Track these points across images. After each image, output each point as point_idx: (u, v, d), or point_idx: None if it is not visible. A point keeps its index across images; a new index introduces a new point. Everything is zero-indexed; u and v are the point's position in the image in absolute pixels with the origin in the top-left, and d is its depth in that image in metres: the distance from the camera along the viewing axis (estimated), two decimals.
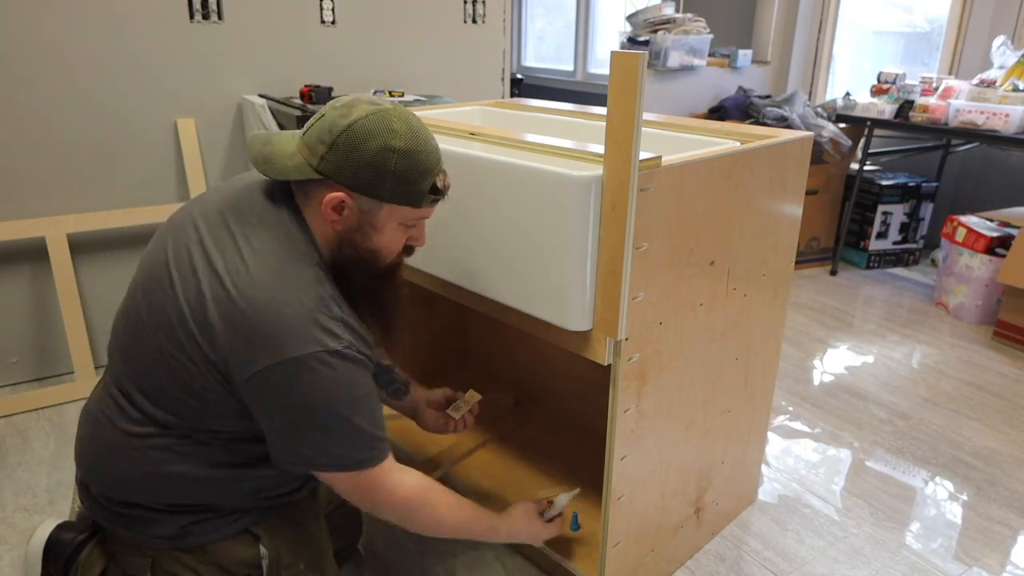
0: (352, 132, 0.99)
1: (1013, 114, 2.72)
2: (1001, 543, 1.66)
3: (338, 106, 1.02)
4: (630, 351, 1.17)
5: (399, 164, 1.00)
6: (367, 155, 0.99)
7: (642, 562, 1.42)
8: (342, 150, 0.99)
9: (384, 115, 1.01)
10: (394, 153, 1.00)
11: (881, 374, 2.44)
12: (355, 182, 1.00)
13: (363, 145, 0.99)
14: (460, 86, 2.82)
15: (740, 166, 1.27)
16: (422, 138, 1.02)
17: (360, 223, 1.05)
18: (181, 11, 2.21)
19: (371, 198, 1.02)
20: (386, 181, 1.01)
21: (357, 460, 1.04)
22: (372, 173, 1.00)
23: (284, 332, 0.96)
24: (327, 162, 1.00)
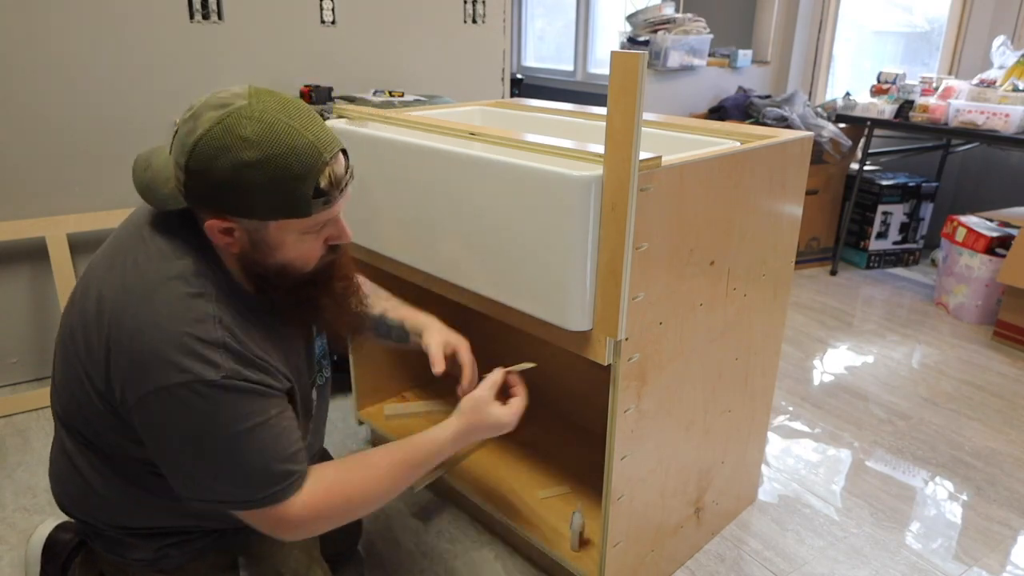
0: (199, 152, 0.84)
1: (1013, 114, 2.72)
2: (1001, 543, 1.66)
3: (187, 116, 0.87)
4: (630, 351, 1.17)
5: (260, 177, 0.84)
6: (220, 176, 0.84)
7: (642, 562, 1.42)
8: (195, 175, 0.85)
9: (232, 121, 0.84)
10: (249, 167, 0.83)
11: (881, 374, 2.44)
12: (223, 206, 0.87)
13: (213, 165, 0.84)
14: (460, 86, 2.82)
15: (740, 166, 1.27)
16: (285, 135, 0.85)
17: (254, 243, 0.91)
18: (181, 11, 2.21)
19: (249, 219, 0.88)
20: (253, 199, 0.85)
21: (254, 499, 0.92)
22: (234, 194, 0.85)
23: (149, 360, 0.86)
24: (189, 189, 0.87)
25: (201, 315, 0.88)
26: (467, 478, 1.66)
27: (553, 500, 1.58)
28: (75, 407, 0.98)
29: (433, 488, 1.79)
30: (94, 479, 1.02)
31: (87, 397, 0.94)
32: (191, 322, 0.87)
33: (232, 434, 0.88)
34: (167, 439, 0.90)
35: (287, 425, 0.94)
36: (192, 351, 0.86)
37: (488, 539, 1.63)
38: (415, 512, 1.72)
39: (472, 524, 1.68)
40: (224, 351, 0.88)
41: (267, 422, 0.91)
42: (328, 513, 0.98)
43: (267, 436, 0.91)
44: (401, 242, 1.45)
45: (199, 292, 0.90)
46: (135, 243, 0.95)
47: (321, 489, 0.97)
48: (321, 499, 0.96)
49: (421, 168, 1.33)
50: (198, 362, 0.86)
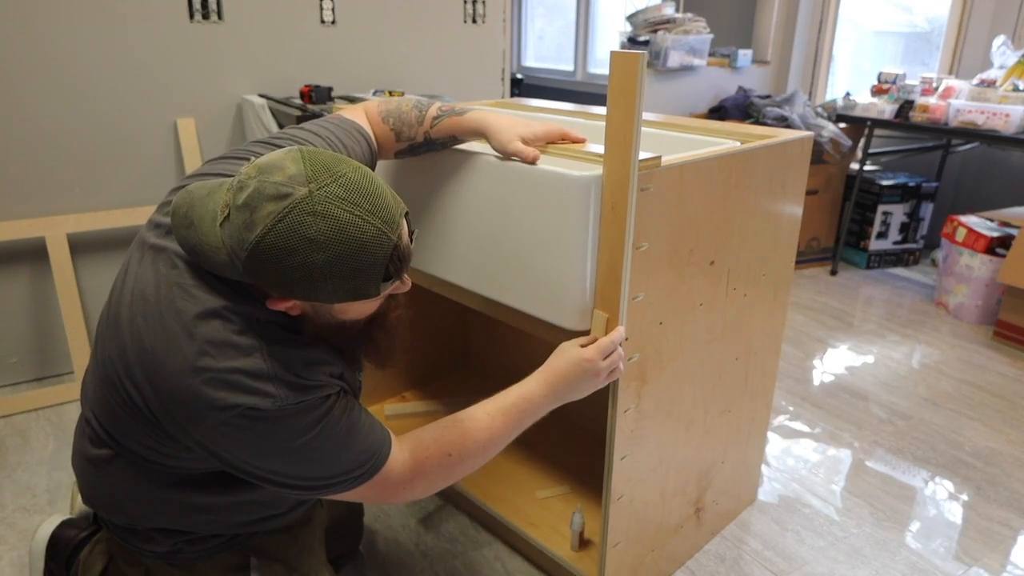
0: (261, 252, 0.82)
1: (1013, 114, 2.72)
2: (1001, 543, 1.66)
3: (239, 203, 0.83)
4: (630, 351, 1.17)
5: (331, 273, 0.82)
6: (290, 273, 0.82)
7: (642, 562, 1.42)
8: (260, 268, 0.83)
9: (295, 219, 0.80)
10: (320, 267, 0.82)
11: (881, 374, 2.44)
12: (291, 293, 0.85)
13: (280, 266, 0.82)
14: (460, 86, 2.82)
15: (740, 166, 1.27)
16: (353, 229, 0.82)
17: (316, 311, 0.92)
18: (181, 11, 2.21)
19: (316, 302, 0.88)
20: (324, 291, 0.84)
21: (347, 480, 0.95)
22: (304, 287, 0.84)
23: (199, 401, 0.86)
24: (252, 273, 0.84)
25: (246, 349, 0.88)
26: (467, 478, 1.66)
27: (553, 500, 1.59)
28: (113, 417, 0.97)
29: None
30: (118, 479, 1.02)
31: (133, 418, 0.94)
32: (237, 356, 0.87)
33: (301, 445, 0.90)
34: (239, 459, 0.90)
35: (355, 417, 0.96)
36: (244, 387, 0.86)
37: (488, 539, 1.63)
38: (415, 512, 1.72)
39: (472, 524, 1.68)
40: (277, 381, 0.88)
41: (336, 424, 0.92)
42: (433, 471, 1.01)
43: (338, 434, 0.93)
44: None
45: (240, 328, 0.89)
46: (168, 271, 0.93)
47: (419, 448, 1.01)
48: (423, 460, 1.00)
49: (421, 168, 1.33)
50: (252, 395, 0.86)
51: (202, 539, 1.09)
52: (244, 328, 0.89)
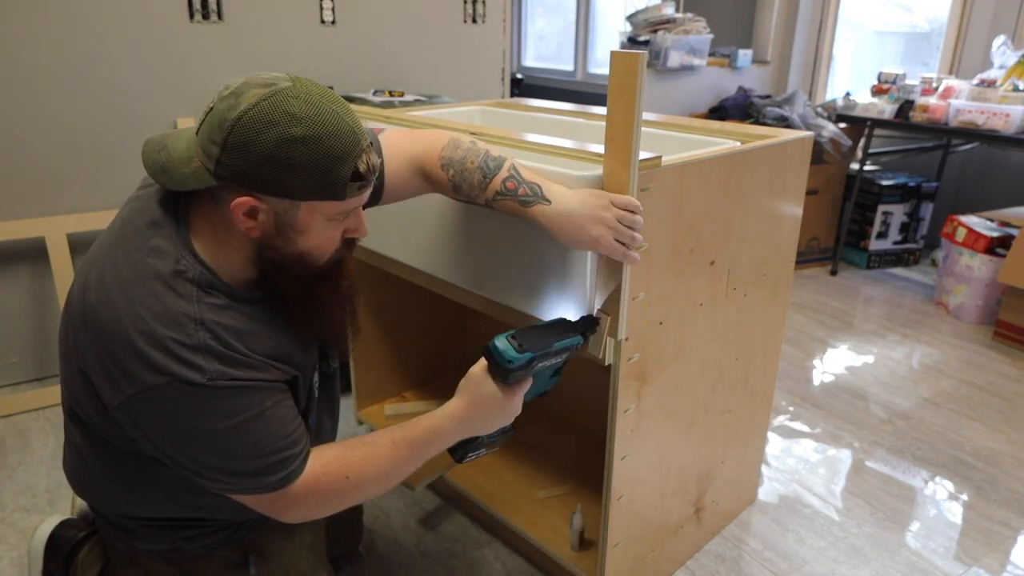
0: (243, 125, 0.83)
1: (1013, 114, 2.72)
2: (1001, 543, 1.66)
3: (226, 94, 0.86)
4: (630, 351, 1.17)
5: (304, 155, 0.84)
6: (265, 150, 0.83)
7: (642, 562, 1.42)
8: (236, 149, 0.84)
9: (279, 97, 0.84)
10: (296, 143, 0.84)
11: (881, 374, 2.44)
12: (259, 184, 0.85)
13: (258, 139, 0.83)
14: (460, 86, 2.82)
15: (740, 166, 1.27)
16: (330, 117, 0.86)
17: (279, 227, 0.90)
18: (181, 11, 2.21)
19: (283, 198, 0.87)
20: (294, 177, 0.85)
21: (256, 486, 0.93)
22: (275, 170, 0.84)
23: (130, 364, 0.86)
24: (223, 165, 0.85)
25: (181, 318, 0.87)
26: (467, 478, 1.66)
27: (553, 500, 1.58)
28: (77, 401, 0.98)
29: (433, 488, 1.79)
30: (102, 471, 1.02)
31: (86, 392, 0.94)
32: (171, 325, 0.87)
33: (223, 429, 0.88)
34: (159, 436, 0.90)
35: (284, 414, 0.94)
36: (174, 355, 0.86)
37: (488, 539, 1.63)
38: (415, 512, 1.72)
39: (472, 524, 1.68)
40: (207, 354, 0.87)
41: (261, 414, 0.91)
42: (327, 491, 0.97)
43: (261, 428, 0.91)
44: (401, 243, 1.45)
45: (180, 294, 0.89)
46: (118, 240, 0.94)
47: (320, 467, 0.97)
48: (320, 477, 0.96)
49: None
50: (182, 366, 0.85)
51: (201, 535, 1.08)
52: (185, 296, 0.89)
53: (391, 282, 1.88)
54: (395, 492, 1.78)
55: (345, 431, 2.04)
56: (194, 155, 0.88)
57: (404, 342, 1.98)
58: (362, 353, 1.88)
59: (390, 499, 1.76)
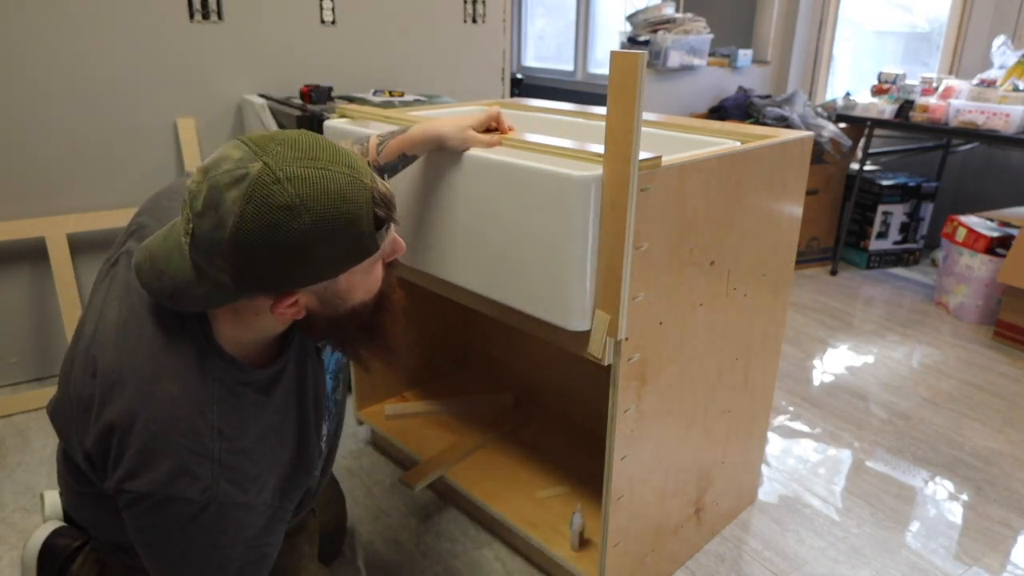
0: (242, 243, 0.74)
1: (1013, 114, 2.72)
2: (1001, 543, 1.66)
3: (199, 209, 0.75)
4: (630, 351, 1.17)
5: (322, 236, 0.76)
6: (282, 252, 0.75)
7: (642, 562, 1.42)
8: (248, 269, 0.76)
9: (261, 193, 0.73)
10: (307, 233, 0.75)
11: (881, 374, 2.44)
12: (289, 283, 0.79)
13: (269, 246, 0.74)
14: (460, 86, 2.82)
15: (740, 166, 1.27)
16: (326, 183, 0.76)
17: (323, 301, 0.85)
18: (181, 11, 2.21)
19: (319, 282, 0.81)
20: (319, 263, 0.78)
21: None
22: (299, 268, 0.77)
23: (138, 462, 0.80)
24: (243, 284, 0.77)
25: (199, 425, 0.82)
26: (467, 478, 1.66)
27: (553, 500, 1.58)
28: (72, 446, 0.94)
29: (433, 488, 1.79)
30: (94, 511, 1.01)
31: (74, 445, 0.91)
32: (189, 432, 0.82)
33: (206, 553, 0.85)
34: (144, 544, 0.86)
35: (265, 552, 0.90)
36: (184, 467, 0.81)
37: (488, 539, 1.63)
38: (415, 512, 1.72)
39: (472, 524, 1.68)
40: (217, 466, 0.83)
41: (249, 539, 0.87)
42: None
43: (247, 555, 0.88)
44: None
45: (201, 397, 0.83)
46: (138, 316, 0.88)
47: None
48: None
49: (421, 168, 1.33)
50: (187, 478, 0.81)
51: None
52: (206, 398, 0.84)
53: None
54: (395, 492, 1.78)
55: (345, 431, 2.04)
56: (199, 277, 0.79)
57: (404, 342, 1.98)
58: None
59: (390, 499, 1.76)
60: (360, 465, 1.89)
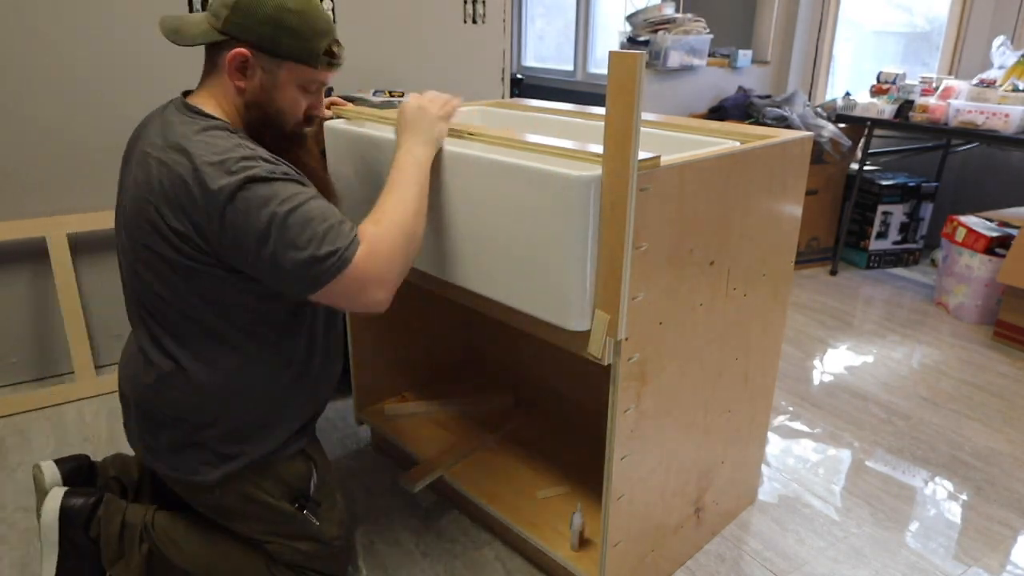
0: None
1: (1013, 114, 2.72)
2: (1001, 543, 1.66)
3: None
4: (630, 351, 1.17)
5: (296, 22, 1.13)
6: (265, 12, 1.12)
7: (642, 562, 1.42)
8: (242, 10, 1.12)
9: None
10: (291, 12, 1.13)
11: (881, 374, 2.44)
12: (256, 38, 1.13)
13: (262, 4, 1.12)
14: (460, 86, 2.82)
15: (740, 166, 1.27)
16: (314, 3, 1.16)
17: (263, 83, 1.17)
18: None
19: (271, 56, 1.15)
20: (284, 36, 1.13)
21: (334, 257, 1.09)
22: (271, 29, 1.13)
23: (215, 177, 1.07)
24: (230, 23, 1.13)
25: (236, 143, 1.12)
26: (467, 478, 1.66)
27: (553, 500, 1.59)
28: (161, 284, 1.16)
29: (433, 488, 1.79)
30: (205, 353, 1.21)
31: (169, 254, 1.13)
32: (234, 147, 1.11)
33: (296, 205, 1.08)
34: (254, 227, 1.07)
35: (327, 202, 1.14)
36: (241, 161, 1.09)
37: (488, 539, 1.63)
38: (415, 512, 1.72)
39: (472, 524, 1.68)
40: (261, 160, 1.11)
41: (316, 196, 1.13)
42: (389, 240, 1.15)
43: (320, 203, 1.12)
44: None
45: (230, 132, 1.15)
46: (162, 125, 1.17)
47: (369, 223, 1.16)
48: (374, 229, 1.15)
49: None
50: (248, 168, 1.08)
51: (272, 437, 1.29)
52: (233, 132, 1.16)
53: None
54: (395, 492, 1.78)
55: (345, 431, 2.05)
56: (204, 20, 1.15)
57: (404, 342, 1.98)
58: (362, 353, 1.88)
59: (390, 499, 1.76)
60: (360, 465, 1.89)
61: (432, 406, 1.95)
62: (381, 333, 1.91)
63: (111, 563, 1.32)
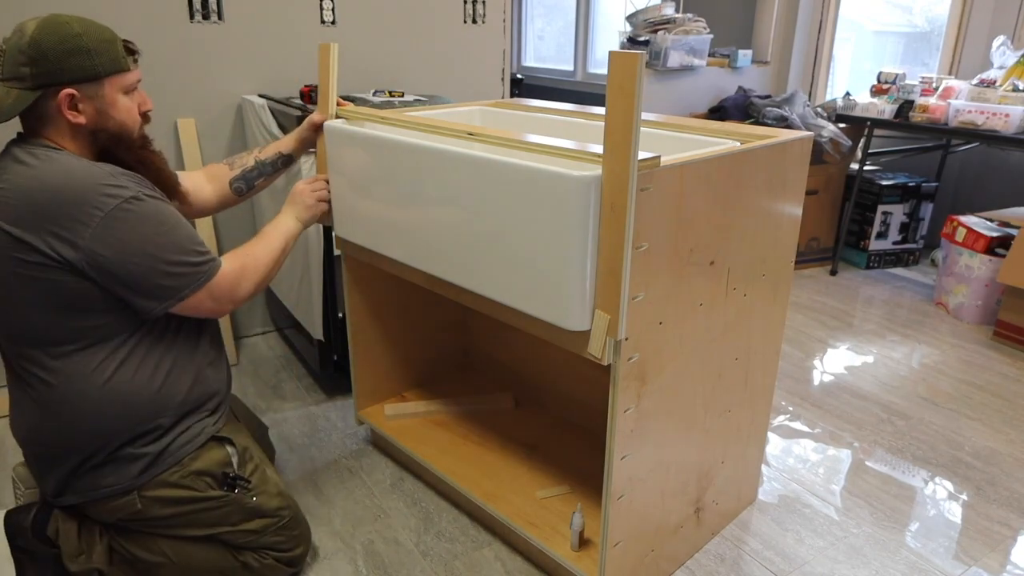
0: (37, 41, 1.15)
1: (1013, 114, 2.72)
2: (1001, 543, 1.66)
3: (10, 36, 1.17)
4: (630, 351, 1.17)
5: (89, 41, 1.18)
6: (62, 49, 1.15)
7: (642, 562, 1.42)
8: (41, 59, 1.15)
9: (51, 19, 1.17)
10: (80, 36, 1.17)
11: (881, 374, 2.44)
12: (69, 74, 1.17)
13: (52, 43, 1.15)
14: (460, 86, 2.82)
15: (740, 166, 1.27)
16: (89, 21, 1.21)
17: (97, 108, 1.21)
18: (181, 11, 2.21)
19: (91, 82, 1.19)
20: (90, 58, 1.18)
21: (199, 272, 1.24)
22: (77, 59, 1.16)
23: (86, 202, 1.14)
24: (37, 76, 1.15)
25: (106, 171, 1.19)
26: (467, 478, 1.66)
27: (553, 500, 1.59)
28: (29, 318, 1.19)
29: (433, 488, 1.79)
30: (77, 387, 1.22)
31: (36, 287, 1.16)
32: (103, 175, 1.18)
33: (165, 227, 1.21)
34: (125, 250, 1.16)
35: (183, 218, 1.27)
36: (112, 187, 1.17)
37: (488, 539, 1.63)
38: (415, 512, 1.72)
39: (472, 524, 1.68)
40: (129, 180, 1.20)
41: (180, 219, 1.25)
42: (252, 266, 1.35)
43: (185, 226, 1.25)
44: (401, 242, 1.45)
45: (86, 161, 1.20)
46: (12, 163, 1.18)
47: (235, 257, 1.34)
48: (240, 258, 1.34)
49: (421, 168, 1.34)
50: (119, 190, 1.17)
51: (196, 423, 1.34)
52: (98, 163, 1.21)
53: (391, 282, 1.88)
54: (395, 492, 1.78)
55: (345, 431, 2.05)
56: (9, 89, 1.16)
57: (404, 342, 1.98)
58: (362, 353, 1.88)
59: (390, 499, 1.76)
60: (360, 465, 1.89)
61: (432, 406, 1.95)
62: (381, 333, 1.92)
63: (72, 558, 1.33)
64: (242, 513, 1.37)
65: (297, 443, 1.99)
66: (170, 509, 1.31)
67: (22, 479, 1.42)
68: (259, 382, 2.32)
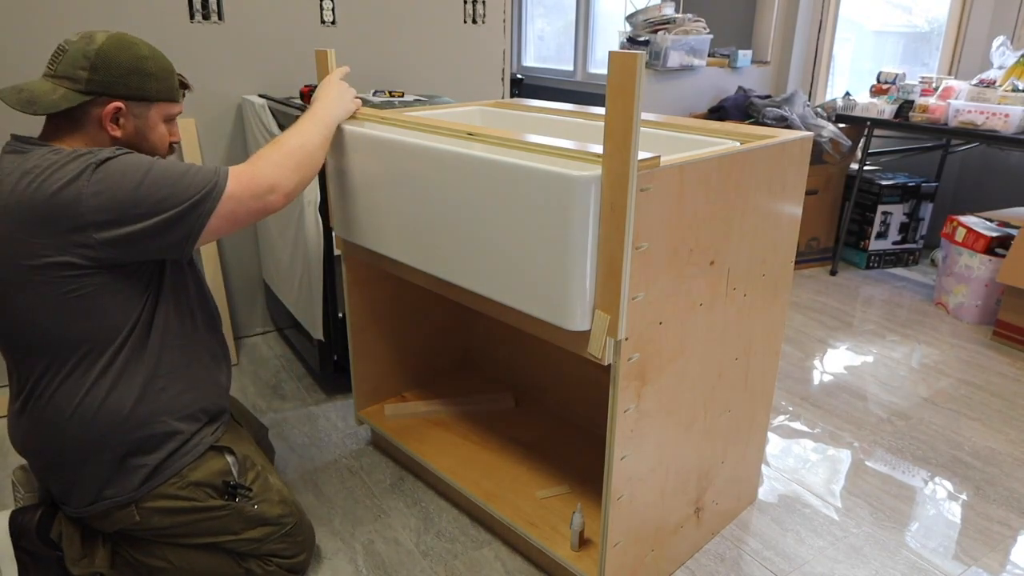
0: (106, 52, 1.19)
1: (1013, 114, 2.72)
2: (1001, 543, 1.66)
3: (75, 40, 1.20)
4: (630, 351, 1.17)
5: (153, 67, 1.24)
6: (126, 66, 1.20)
7: (642, 562, 1.42)
8: (102, 69, 1.18)
9: (120, 35, 1.22)
10: (146, 59, 1.23)
11: (881, 374, 2.44)
12: (124, 90, 1.21)
13: (120, 59, 1.20)
14: (460, 86, 2.82)
15: (740, 166, 1.27)
16: (155, 47, 1.27)
17: (136, 128, 1.25)
18: (181, 11, 2.21)
19: (141, 101, 1.24)
20: (150, 82, 1.23)
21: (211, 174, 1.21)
22: (137, 79, 1.21)
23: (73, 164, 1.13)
24: (93, 83, 1.18)
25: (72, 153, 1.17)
26: (467, 478, 1.66)
27: (553, 500, 1.59)
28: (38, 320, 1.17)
29: (433, 488, 1.79)
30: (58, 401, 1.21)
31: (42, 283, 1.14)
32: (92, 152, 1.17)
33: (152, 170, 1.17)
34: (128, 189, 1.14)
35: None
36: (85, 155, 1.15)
37: (488, 539, 1.64)
38: (415, 512, 1.72)
39: (472, 524, 1.68)
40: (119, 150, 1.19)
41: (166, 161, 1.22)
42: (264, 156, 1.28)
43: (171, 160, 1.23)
44: (402, 242, 1.45)
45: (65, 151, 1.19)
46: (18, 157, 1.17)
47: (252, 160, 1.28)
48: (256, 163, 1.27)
49: (421, 168, 1.34)
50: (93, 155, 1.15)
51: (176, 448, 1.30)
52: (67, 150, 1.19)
53: (391, 282, 1.88)
54: (395, 492, 1.78)
55: (345, 431, 2.05)
56: (57, 85, 1.18)
57: (404, 342, 1.98)
58: (362, 353, 1.89)
59: (390, 499, 1.76)
60: (360, 465, 1.89)
61: (432, 406, 1.95)
62: (381, 333, 1.92)
63: (75, 562, 1.33)
64: (244, 521, 1.37)
65: (297, 443, 1.99)
66: (170, 519, 1.30)
67: (21, 483, 1.42)
68: (259, 382, 2.32)
